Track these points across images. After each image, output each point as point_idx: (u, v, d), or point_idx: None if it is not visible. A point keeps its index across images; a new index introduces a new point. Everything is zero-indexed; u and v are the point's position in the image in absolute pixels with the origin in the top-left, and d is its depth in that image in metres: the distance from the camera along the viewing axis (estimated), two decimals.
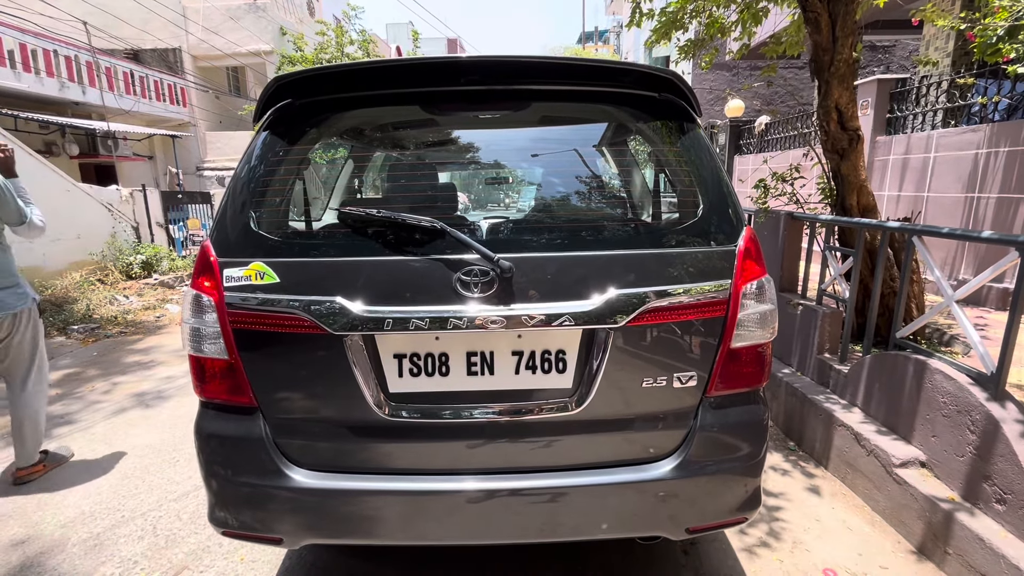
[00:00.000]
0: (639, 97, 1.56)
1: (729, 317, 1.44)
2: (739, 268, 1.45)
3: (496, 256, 1.35)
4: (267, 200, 1.51)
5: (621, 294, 1.38)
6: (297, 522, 1.49)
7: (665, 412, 1.47)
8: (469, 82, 1.52)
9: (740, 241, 1.47)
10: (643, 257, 1.43)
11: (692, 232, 1.47)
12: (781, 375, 3.24)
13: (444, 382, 1.44)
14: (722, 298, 1.43)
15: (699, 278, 1.43)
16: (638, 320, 1.39)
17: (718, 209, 1.50)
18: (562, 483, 1.45)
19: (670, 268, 1.42)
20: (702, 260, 1.44)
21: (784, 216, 3.41)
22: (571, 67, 1.54)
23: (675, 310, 1.41)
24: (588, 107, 1.60)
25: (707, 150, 1.56)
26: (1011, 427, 1.87)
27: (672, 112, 1.56)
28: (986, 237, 2.00)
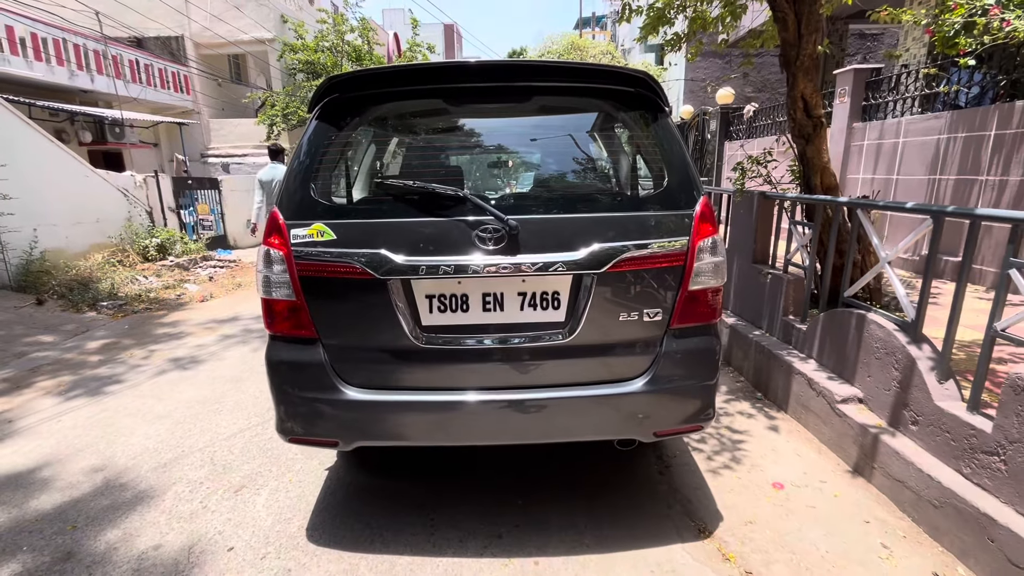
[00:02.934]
0: (618, 92, 1.95)
1: (687, 266, 1.85)
2: (695, 228, 1.85)
3: (506, 217, 1.75)
4: (322, 174, 1.90)
5: (602, 247, 1.78)
6: (350, 428, 1.91)
7: (637, 340, 1.88)
8: (482, 80, 1.90)
9: (697, 207, 1.87)
10: (620, 219, 1.83)
11: (659, 199, 1.87)
12: (752, 336, 3.66)
13: (465, 317, 1.85)
14: (682, 251, 1.83)
15: (664, 235, 1.83)
16: (616, 268, 1.79)
17: (680, 182, 1.90)
18: (557, 395, 1.87)
19: (641, 227, 1.82)
20: (666, 221, 1.84)
21: (757, 195, 3.81)
22: (564, 68, 1.93)
23: (645, 260, 1.81)
24: (577, 100, 1.99)
25: (673, 134, 1.95)
26: (923, 363, 2.29)
27: (645, 104, 1.95)
28: (909, 207, 2.40)
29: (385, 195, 1.89)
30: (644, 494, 2.43)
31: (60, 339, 5.00)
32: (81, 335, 5.14)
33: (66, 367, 4.29)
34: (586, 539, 2.13)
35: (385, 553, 2.07)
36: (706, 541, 2.12)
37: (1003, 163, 4.21)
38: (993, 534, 1.82)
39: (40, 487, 2.57)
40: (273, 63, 14.73)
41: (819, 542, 2.09)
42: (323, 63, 13.47)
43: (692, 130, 11.19)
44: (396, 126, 2.01)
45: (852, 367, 2.76)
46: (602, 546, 2.09)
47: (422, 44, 14.16)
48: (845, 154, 6.16)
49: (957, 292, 2.15)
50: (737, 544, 2.10)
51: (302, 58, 13.52)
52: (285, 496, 2.46)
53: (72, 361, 4.43)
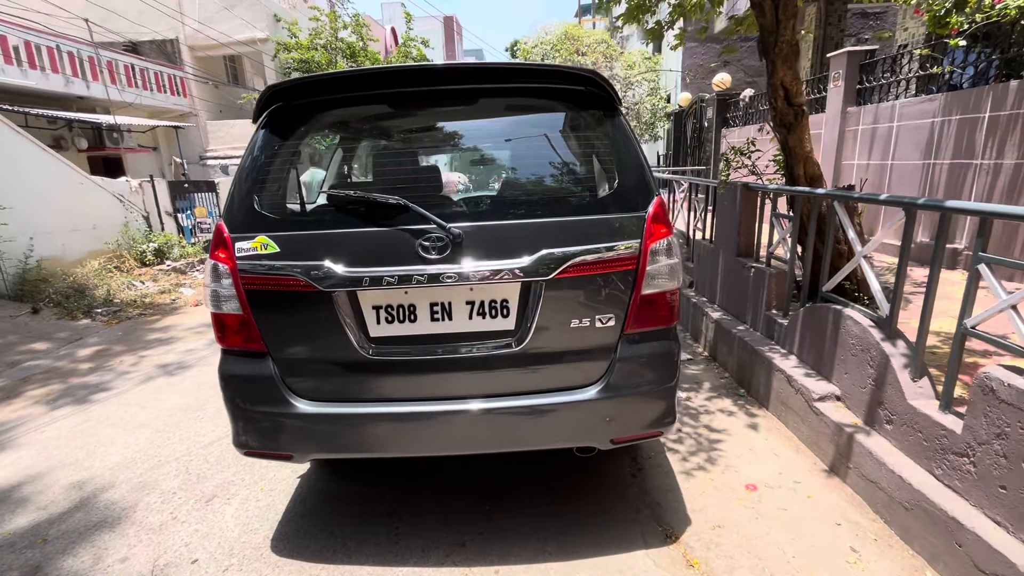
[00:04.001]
0: (568, 91, 1.89)
1: (640, 270, 1.80)
2: (648, 230, 1.80)
3: (448, 225, 1.71)
4: (266, 185, 1.87)
5: (550, 253, 1.74)
6: (302, 441, 1.90)
7: (591, 347, 1.84)
8: (426, 84, 1.85)
9: (650, 208, 1.82)
10: (569, 223, 1.78)
11: (610, 201, 1.82)
12: (736, 331, 3.60)
13: (413, 327, 1.81)
14: (633, 254, 1.78)
15: (614, 238, 1.78)
16: (564, 274, 1.75)
17: (633, 182, 1.84)
18: (509, 404, 1.83)
19: (591, 231, 1.77)
20: (617, 224, 1.79)
21: (740, 187, 3.72)
22: (510, 69, 1.87)
23: (594, 265, 1.76)
24: (526, 101, 1.93)
25: (625, 133, 1.89)
26: (897, 360, 2.22)
27: (596, 103, 1.89)
28: (882, 199, 2.32)
29: (328, 205, 1.86)
30: (614, 498, 2.40)
31: (53, 347, 5.06)
32: (74, 343, 5.19)
33: (56, 376, 4.34)
34: (549, 547, 2.10)
35: (347, 564, 2.07)
36: (671, 547, 2.09)
37: (997, 146, 4.07)
38: (961, 539, 1.76)
39: (18, 501, 2.59)
40: (268, 63, 14.71)
41: (787, 546, 2.05)
42: (317, 61, 13.42)
43: (690, 118, 11.02)
44: (341, 134, 1.98)
45: (830, 364, 2.69)
46: (565, 553, 2.07)
47: (416, 39, 14.04)
48: (840, 140, 6.01)
49: (929, 286, 2.08)
50: (703, 549, 2.06)
51: (296, 57, 13.47)
52: (255, 505, 2.46)
53: (62, 369, 4.48)
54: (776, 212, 3.36)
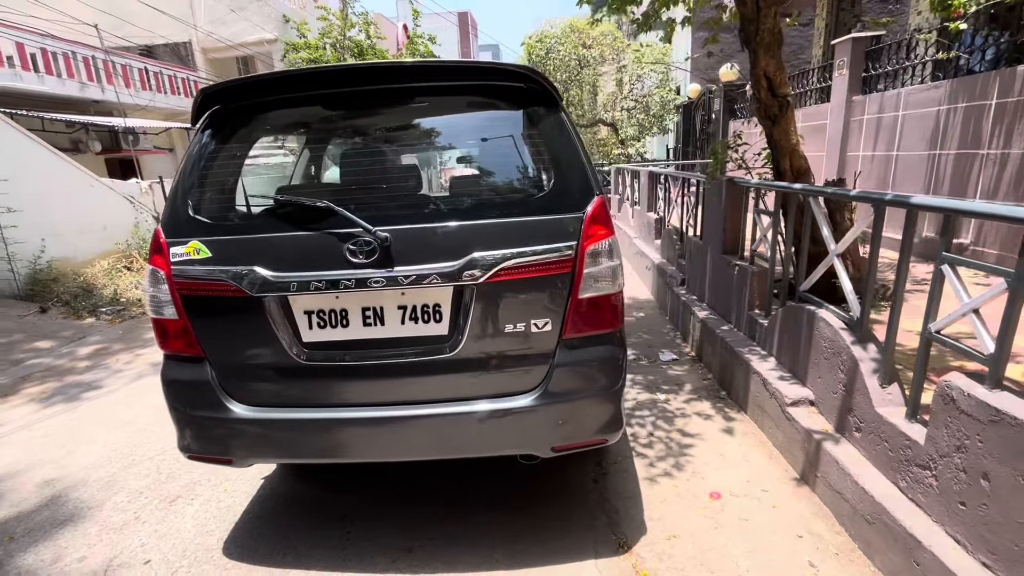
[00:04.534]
0: (506, 88, 1.82)
1: (576, 273, 1.73)
2: (585, 231, 1.73)
3: (374, 229, 1.68)
4: (200, 190, 1.86)
5: (480, 256, 1.68)
6: (240, 445, 1.89)
7: (528, 352, 1.79)
8: (360, 84, 1.81)
9: (589, 208, 1.75)
10: (501, 225, 1.72)
11: (546, 202, 1.76)
12: (719, 331, 3.49)
13: (346, 332, 1.79)
14: (568, 257, 1.72)
15: (549, 240, 1.72)
16: (495, 278, 1.69)
17: (572, 181, 1.78)
18: (445, 411, 1.79)
19: (523, 233, 1.71)
20: (553, 225, 1.73)
21: (725, 182, 3.60)
22: (444, 67, 1.81)
23: (528, 268, 1.70)
24: (462, 100, 1.88)
25: (565, 130, 1.82)
26: (866, 365, 2.11)
27: (535, 99, 1.83)
28: (853, 195, 2.20)
29: (259, 209, 1.83)
30: (573, 504, 2.34)
31: (56, 345, 5.21)
32: (77, 341, 5.34)
33: (54, 373, 4.46)
34: (497, 554, 2.06)
35: (295, 568, 2.06)
36: (622, 557, 2.02)
37: (1005, 134, 3.84)
38: (920, 557, 1.66)
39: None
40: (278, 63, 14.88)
41: (742, 559, 1.97)
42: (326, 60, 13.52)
43: (699, 110, 10.76)
44: (274, 136, 1.95)
45: (804, 367, 2.58)
46: (512, 561, 2.02)
47: (423, 36, 14.02)
48: (845, 130, 5.78)
49: (897, 285, 1.96)
50: (654, 560, 1.99)
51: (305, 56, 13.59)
52: (215, 507, 2.48)
53: (61, 368, 4.60)
54: (758, 208, 3.24)
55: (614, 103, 13.04)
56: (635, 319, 5.03)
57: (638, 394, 3.39)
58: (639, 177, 7.21)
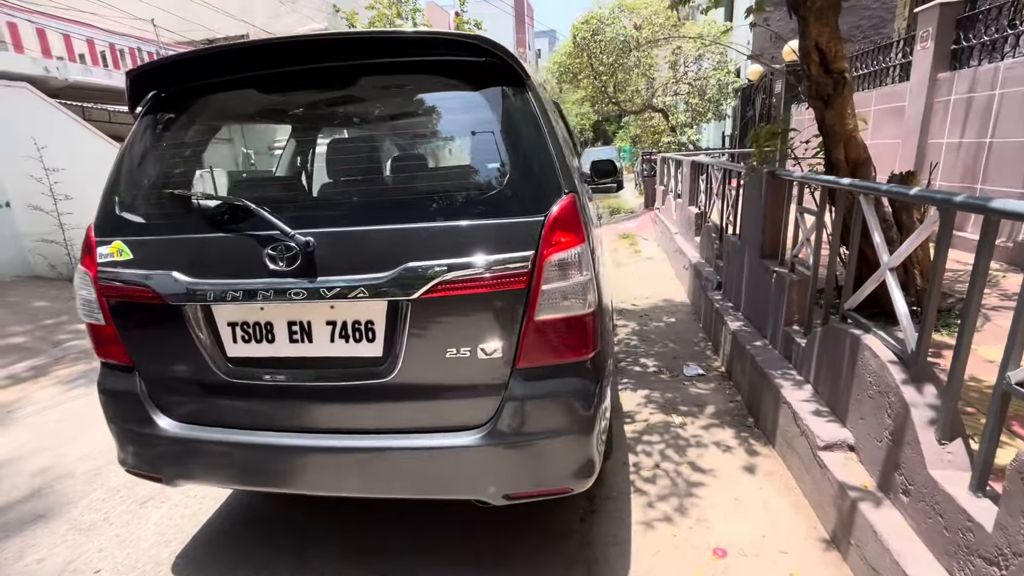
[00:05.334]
0: (465, 64, 1.51)
1: (532, 290, 1.42)
2: (545, 239, 1.41)
3: (292, 232, 1.43)
4: (130, 185, 1.68)
5: (413, 267, 1.40)
6: (168, 464, 1.73)
7: (475, 382, 1.49)
8: (298, 62, 1.56)
9: (553, 209, 1.42)
10: (441, 230, 1.43)
11: (497, 202, 1.44)
12: (751, 347, 3.03)
13: (271, 348, 1.56)
14: (523, 270, 1.40)
15: (498, 249, 1.41)
16: (433, 293, 1.41)
17: (531, 176, 1.45)
18: (380, 444, 1.54)
19: (468, 239, 1.41)
20: (504, 231, 1.42)
21: (765, 175, 3.10)
22: (394, 39, 1.52)
23: (471, 283, 1.41)
24: (414, 79, 1.58)
25: (530, 114, 1.50)
26: (920, 412, 1.65)
27: (498, 77, 1.51)
28: (913, 194, 1.72)
29: (179, 207, 1.64)
30: (549, 546, 2.04)
31: None
32: None
33: (86, 356, 4.63)
34: None
35: None
36: None
37: None
38: None
39: None
40: None
41: None
42: None
43: (759, 93, 9.86)
44: (214, 124, 1.75)
45: (845, 402, 2.12)
46: None
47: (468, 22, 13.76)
48: (926, 113, 4.97)
49: (966, 312, 1.49)
50: None
51: None
52: (180, 513, 2.37)
53: None
54: (802, 205, 2.74)
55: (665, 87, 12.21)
56: (664, 325, 4.59)
57: (651, 415, 3.01)
58: (682, 167, 6.64)
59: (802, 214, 2.73)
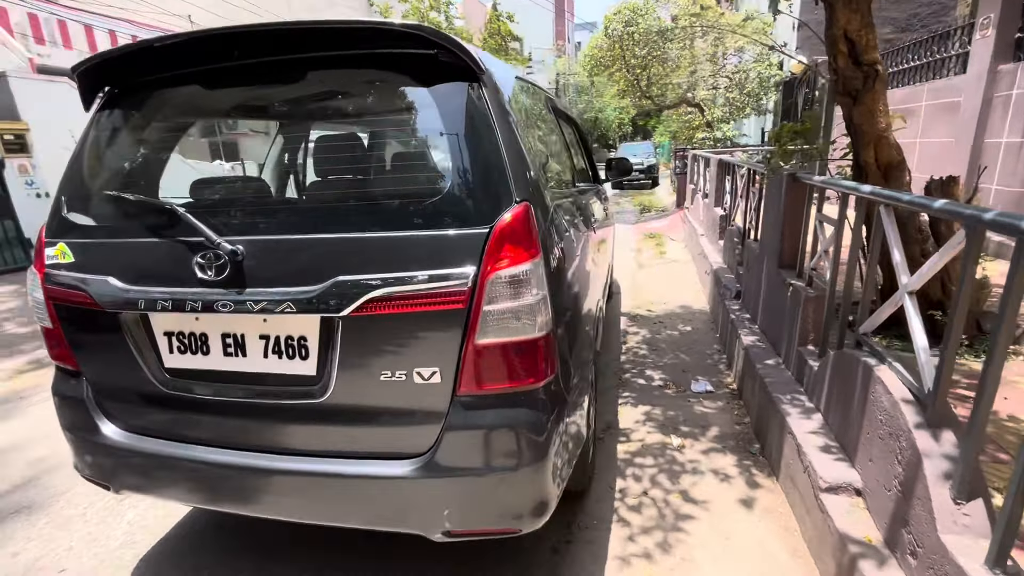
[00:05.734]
0: (415, 58, 1.37)
1: (473, 310, 1.27)
2: (489, 253, 1.26)
3: (218, 240, 1.33)
4: (76, 187, 1.63)
5: (344, 281, 1.29)
6: (112, 473, 1.68)
7: (413, 408, 1.36)
8: (243, 56, 1.46)
9: (505, 216, 1.27)
10: (375, 241, 1.30)
11: (439, 211, 1.30)
12: (761, 366, 2.78)
13: (206, 360, 1.48)
14: (462, 288, 1.26)
15: (436, 265, 1.27)
16: (365, 309, 1.28)
17: (477, 184, 1.31)
18: (313, 468, 1.43)
19: (405, 253, 1.28)
20: (444, 244, 1.28)
21: (786, 177, 2.83)
22: (339, 30, 1.39)
23: (406, 301, 1.27)
24: (363, 74, 1.45)
25: (481, 113, 1.34)
26: (934, 464, 1.42)
27: (450, 72, 1.36)
28: (937, 207, 1.47)
29: (117, 210, 1.57)
30: None
31: None
32: None
33: None
34: None
35: None
36: None
37: None
38: None
39: None
40: None
41: None
42: None
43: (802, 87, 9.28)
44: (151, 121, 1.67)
45: (855, 439, 1.88)
46: None
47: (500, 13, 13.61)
48: (984, 109, 4.48)
49: (991, 351, 1.25)
50: None
51: None
52: (153, 514, 2.36)
53: None
54: (821, 214, 2.47)
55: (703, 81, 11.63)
56: (679, 334, 4.33)
57: (648, 433, 2.81)
58: (709, 165, 6.29)
59: (821, 223, 2.46)
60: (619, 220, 11.52)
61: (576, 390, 1.64)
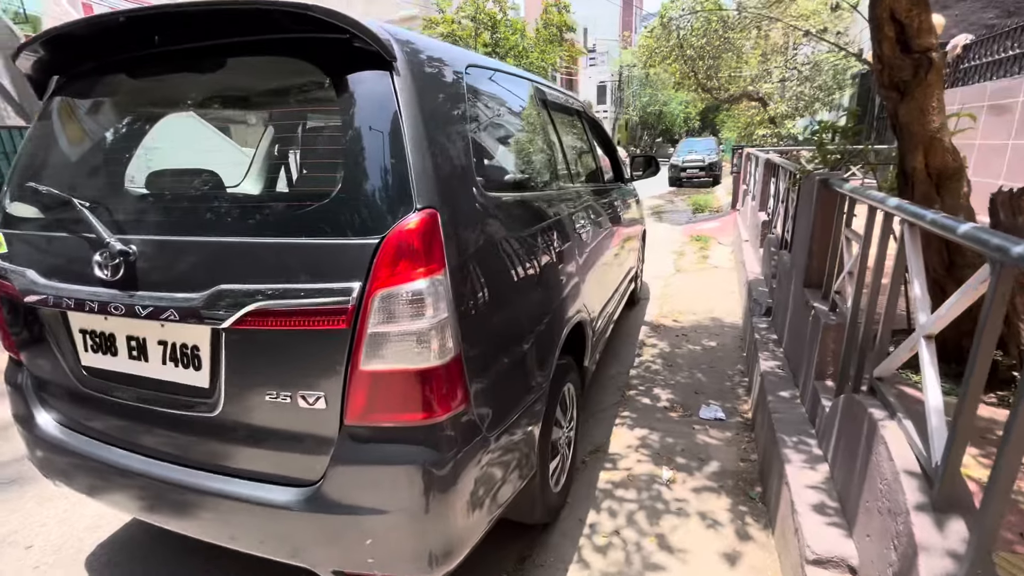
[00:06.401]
0: (326, 43, 1.22)
1: (357, 332, 1.12)
2: (377, 267, 1.10)
3: (108, 239, 1.26)
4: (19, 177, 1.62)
5: (226, 290, 1.17)
6: (47, 464, 1.68)
7: (300, 434, 1.23)
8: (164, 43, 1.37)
9: (394, 229, 1.11)
10: (261, 247, 1.17)
11: (329, 215, 1.15)
12: (773, 398, 2.44)
13: (115, 362, 1.43)
14: (344, 306, 1.11)
15: (319, 277, 1.12)
16: (245, 323, 1.16)
17: (373, 186, 1.15)
18: (205, 484, 1.34)
19: (289, 262, 1.15)
20: (330, 253, 1.13)
21: (817, 183, 2.45)
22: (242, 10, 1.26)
23: (287, 316, 1.14)
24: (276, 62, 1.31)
25: (385, 104, 1.18)
26: (934, 562, 1.11)
27: (361, 60, 1.20)
28: (961, 233, 1.14)
29: (41, 203, 1.53)
30: None
31: None
32: None
33: None
34: None
35: None
36: None
37: None
38: None
39: None
40: None
41: None
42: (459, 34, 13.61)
43: None
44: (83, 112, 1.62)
45: (854, 506, 1.56)
46: None
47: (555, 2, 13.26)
48: None
49: (1014, 414, 0.94)
50: None
51: (442, 31, 13.84)
52: None
53: None
54: (849, 228, 2.11)
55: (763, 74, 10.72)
56: (701, 349, 3.97)
57: (638, 462, 2.55)
58: (758, 165, 5.75)
59: (847, 239, 2.10)
60: (668, 220, 10.97)
61: (509, 422, 1.45)
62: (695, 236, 8.67)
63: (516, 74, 2.07)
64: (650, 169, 4.06)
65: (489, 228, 1.37)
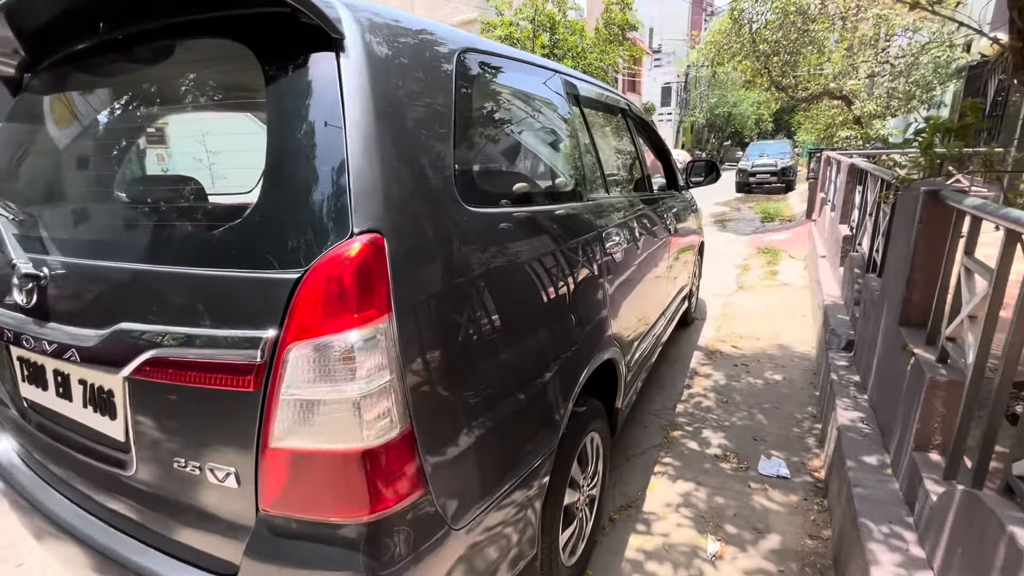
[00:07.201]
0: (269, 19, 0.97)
1: (268, 395, 0.84)
2: (294, 311, 0.82)
3: (15, 260, 1.06)
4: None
5: (126, 330, 0.93)
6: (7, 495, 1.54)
7: (214, 514, 0.97)
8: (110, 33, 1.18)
9: (320, 260, 0.82)
10: (162, 278, 0.93)
11: (239, 240, 0.89)
12: (854, 464, 1.95)
13: (44, 396, 1.25)
14: (251, 362, 0.83)
15: (226, 321, 0.86)
16: (144, 372, 0.92)
17: (297, 202, 0.87)
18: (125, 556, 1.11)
19: (194, 298, 0.90)
20: (240, 290, 0.87)
21: (922, 194, 1.94)
22: None
23: (187, 368, 0.88)
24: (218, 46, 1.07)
25: (324, 96, 0.90)
26: None
27: (307, 40, 0.93)
28: None
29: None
30: None
31: None
32: None
33: None
34: None
35: None
36: None
37: None
38: None
39: None
40: None
41: None
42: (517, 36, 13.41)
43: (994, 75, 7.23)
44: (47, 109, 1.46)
45: None
46: None
47: None
48: None
49: None
50: None
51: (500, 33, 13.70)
52: None
53: None
54: (972, 258, 1.61)
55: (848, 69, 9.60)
56: (763, 384, 3.44)
57: (677, 526, 2.13)
58: (840, 170, 5.04)
59: (967, 270, 1.60)
60: (732, 229, 10.16)
61: (492, 502, 1.12)
62: (763, 248, 7.91)
63: (538, 64, 1.75)
64: (711, 175, 3.60)
65: (470, 257, 1.06)
